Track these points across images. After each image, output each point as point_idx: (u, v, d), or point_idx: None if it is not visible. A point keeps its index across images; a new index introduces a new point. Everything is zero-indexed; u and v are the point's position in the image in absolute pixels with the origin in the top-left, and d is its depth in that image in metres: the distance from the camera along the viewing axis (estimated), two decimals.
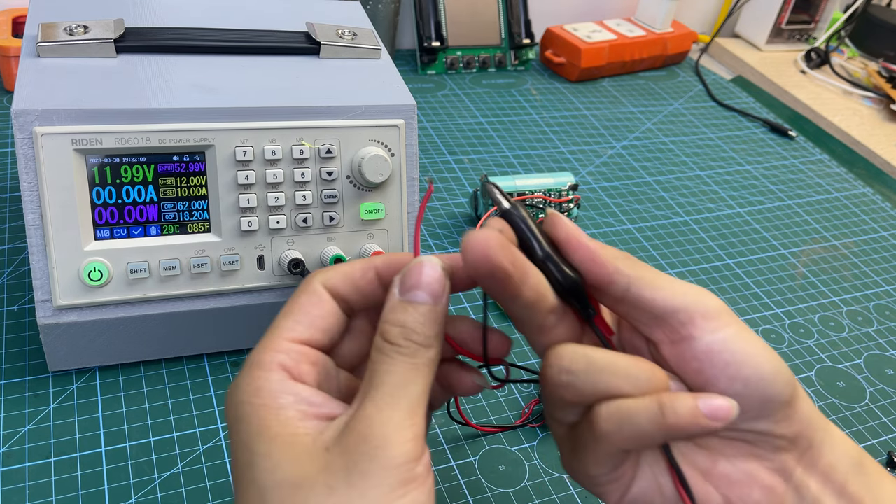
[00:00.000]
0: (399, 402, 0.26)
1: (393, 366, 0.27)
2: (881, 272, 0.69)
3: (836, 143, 0.92)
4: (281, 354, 0.28)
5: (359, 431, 0.26)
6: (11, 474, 0.40)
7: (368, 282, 0.31)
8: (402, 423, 0.26)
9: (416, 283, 0.28)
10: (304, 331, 0.29)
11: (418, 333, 0.28)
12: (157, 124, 0.41)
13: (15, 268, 0.53)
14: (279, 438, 0.26)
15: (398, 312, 0.28)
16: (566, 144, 0.81)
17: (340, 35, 0.51)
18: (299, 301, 0.30)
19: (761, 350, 0.29)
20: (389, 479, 0.25)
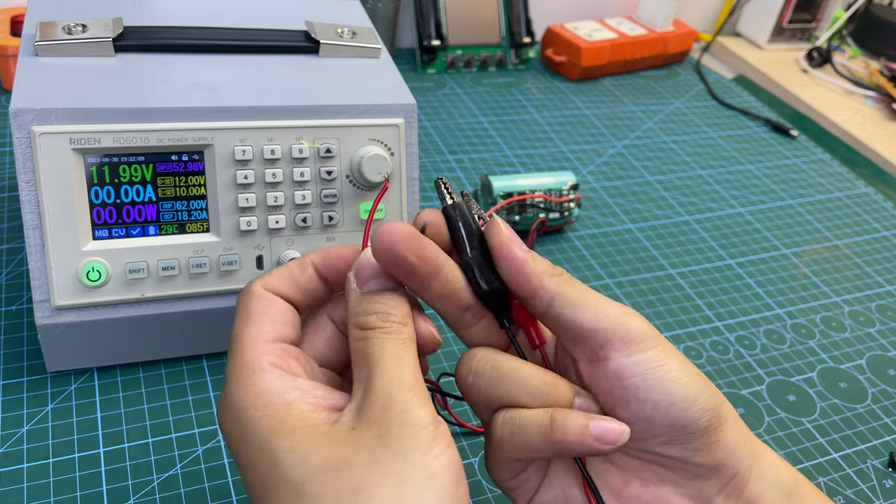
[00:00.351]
0: (405, 371, 0.27)
1: (384, 344, 0.28)
2: (883, 272, 0.68)
3: (837, 142, 0.92)
4: (268, 355, 0.28)
5: (380, 402, 0.26)
6: (10, 475, 0.40)
7: (309, 278, 0.31)
8: (414, 387, 0.27)
9: (373, 274, 0.29)
10: (272, 330, 0.29)
11: (394, 314, 0.29)
12: (155, 123, 0.41)
13: (13, 268, 0.53)
14: (298, 431, 0.26)
15: (367, 303, 0.29)
16: (567, 144, 0.81)
17: (340, 34, 0.51)
18: (250, 307, 0.30)
19: (678, 375, 0.29)
20: (424, 438, 0.25)
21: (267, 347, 0.28)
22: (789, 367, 0.56)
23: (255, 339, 0.29)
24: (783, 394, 0.54)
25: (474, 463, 0.45)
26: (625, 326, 0.29)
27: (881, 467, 0.49)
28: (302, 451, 0.25)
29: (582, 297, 0.30)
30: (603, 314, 0.29)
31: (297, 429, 0.26)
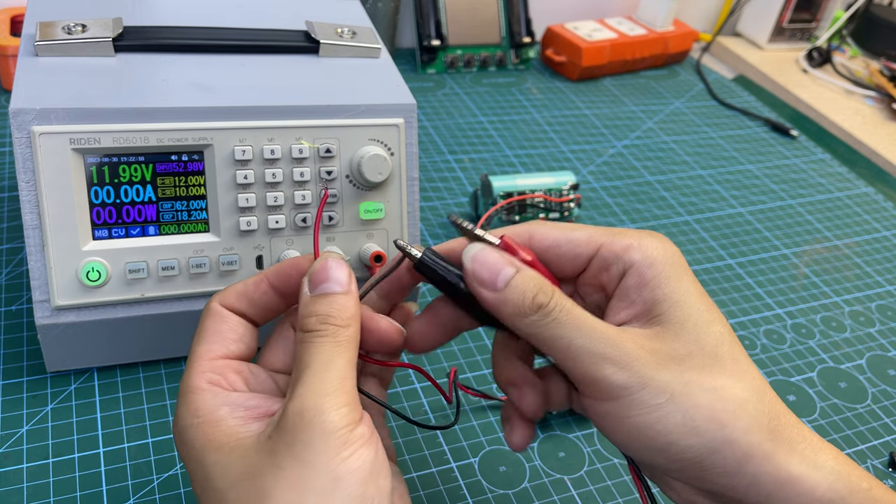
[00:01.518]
0: (328, 376, 0.28)
1: (316, 348, 0.29)
2: (883, 272, 0.68)
3: (837, 142, 0.92)
4: (206, 373, 0.30)
5: (294, 410, 0.27)
6: (9, 475, 0.40)
7: (262, 293, 0.32)
8: (334, 391, 0.27)
9: (323, 278, 0.30)
10: (219, 348, 0.31)
11: (334, 317, 0.29)
12: (155, 123, 0.41)
13: (13, 268, 0.53)
14: (225, 445, 0.28)
15: (313, 305, 0.30)
16: (567, 144, 0.81)
17: (340, 34, 0.51)
18: (205, 325, 0.32)
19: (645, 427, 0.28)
20: (331, 442, 0.26)
21: (208, 365, 0.30)
22: (789, 367, 0.56)
23: (201, 358, 0.30)
24: (783, 394, 0.54)
25: (474, 463, 0.45)
26: (589, 377, 0.29)
27: (881, 467, 0.49)
28: (225, 462, 0.27)
29: (555, 341, 0.29)
30: (572, 360, 0.29)
31: (223, 443, 0.28)
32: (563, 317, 0.29)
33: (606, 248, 0.32)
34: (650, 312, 0.30)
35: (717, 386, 0.28)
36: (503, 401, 0.48)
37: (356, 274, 0.47)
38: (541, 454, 0.46)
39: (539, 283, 0.30)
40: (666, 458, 0.28)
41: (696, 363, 0.29)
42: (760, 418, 0.28)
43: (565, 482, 0.44)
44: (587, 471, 0.45)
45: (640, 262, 0.31)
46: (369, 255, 0.46)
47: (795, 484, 0.28)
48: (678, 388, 0.28)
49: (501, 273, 0.30)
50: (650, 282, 0.30)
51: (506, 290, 0.30)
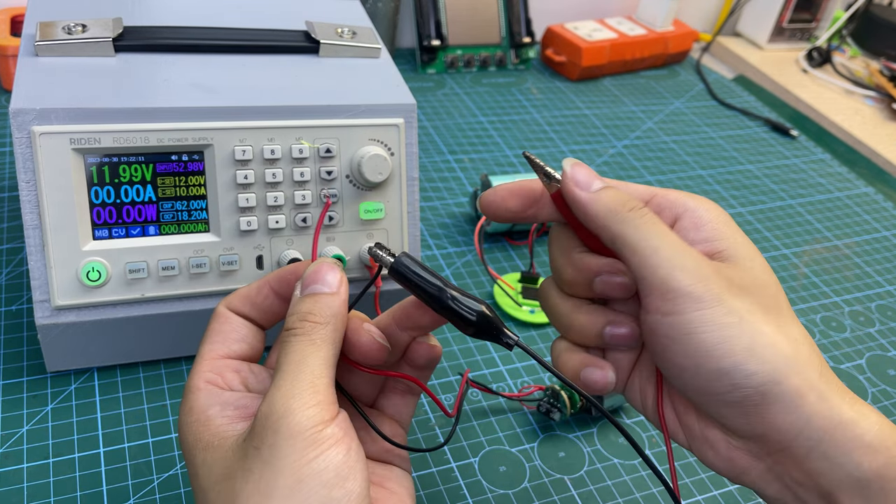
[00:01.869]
0: (298, 376, 0.28)
1: (291, 346, 0.29)
2: (883, 272, 0.68)
3: (837, 142, 0.92)
4: (205, 373, 0.31)
5: (263, 412, 0.27)
6: (10, 475, 0.40)
7: (264, 297, 0.33)
8: (303, 392, 0.27)
9: (313, 280, 0.31)
10: (221, 347, 0.32)
11: (314, 314, 0.30)
12: (155, 123, 0.41)
13: (13, 268, 0.53)
14: (211, 445, 0.28)
15: (297, 305, 0.30)
16: (567, 144, 0.81)
17: (340, 34, 0.51)
18: (211, 327, 0.33)
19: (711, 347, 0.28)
20: (297, 444, 0.26)
21: (208, 365, 0.31)
22: None
23: (203, 358, 0.32)
24: None
25: (475, 463, 0.45)
26: (667, 284, 0.29)
27: None
28: (210, 462, 0.28)
29: (642, 242, 0.29)
30: (653, 266, 0.29)
31: (210, 443, 0.28)
32: (651, 221, 0.30)
33: (661, 195, 0.33)
34: (713, 249, 0.31)
35: (782, 324, 0.29)
36: (511, 397, 0.48)
37: (356, 274, 0.47)
38: (541, 454, 0.46)
39: (630, 196, 0.31)
40: (730, 384, 0.28)
41: (761, 301, 0.29)
42: (814, 361, 0.29)
43: (565, 482, 0.44)
44: (587, 471, 0.45)
45: (694, 207, 0.32)
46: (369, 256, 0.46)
47: (846, 428, 0.28)
48: (748, 315, 0.29)
49: (594, 183, 0.31)
50: (707, 224, 0.32)
51: (600, 192, 0.31)
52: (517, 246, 0.63)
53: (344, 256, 0.45)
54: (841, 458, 0.28)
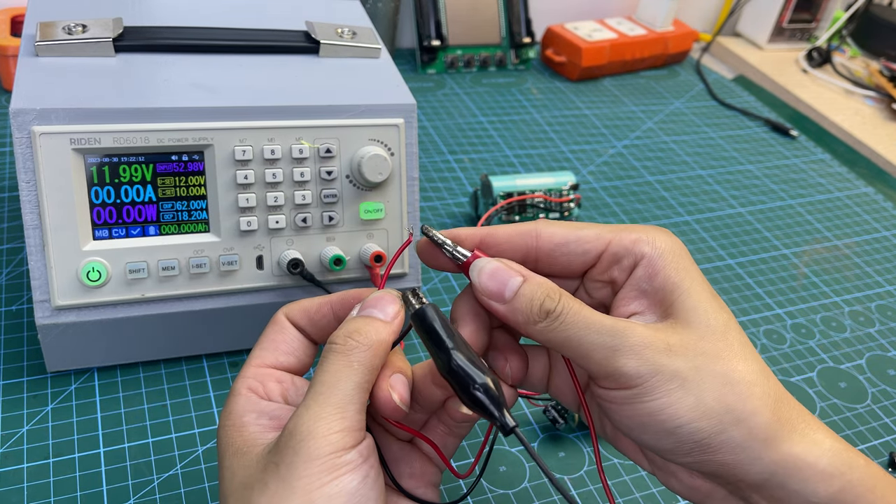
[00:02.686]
0: (329, 399, 0.28)
1: (327, 365, 0.29)
2: (883, 272, 0.68)
3: (837, 142, 0.92)
4: (248, 379, 0.31)
5: (289, 430, 0.27)
6: (10, 475, 0.40)
7: (322, 315, 0.33)
8: (330, 417, 0.27)
9: (372, 304, 0.31)
10: (269, 356, 0.32)
11: (360, 333, 0.29)
12: (155, 123, 0.41)
13: (13, 268, 0.53)
14: (240, 451, 0.29)
15: (347, 323, 0.30)
16: (567, 144, 0.81)
17: (340, 34, 0.51)
18: (266, 332, 0.33)
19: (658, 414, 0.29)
20: (314, 468, 0.26)
21: (253, 371, 0.32)
22: (789, 367, 0.56)
23: (249, 364, 0.32)
24: None
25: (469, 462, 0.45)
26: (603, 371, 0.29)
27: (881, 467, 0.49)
28: (235, 468, 0.28)
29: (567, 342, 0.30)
30: (586, 358, 0.30)
31: (240, 449, 0.29)
32: (571, 318, 0.30)
33: (616, 243, 0.33)
34: (662, 301, 0.31)
35: (727, 370, 0.29)
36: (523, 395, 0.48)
37: (356, 274, 0.47)
38: (541, 454, 0.46)
39: (546, 289, 0.30)
40: (675, 441, 0.29)
41: (707, 349, 0.29)
42: (766, 400, 0.29)
43: (565, 482, 0.44)
44: (587, 471, 0.45)
45: (650, 254, 0.32)
46: (369, 256, 0.46)
47: (797, 460, 0.29)
48: (690, 374, 0.29)
49: (508, 283, 0.31)
50: (660, 272, 0.31)
51: (514, 300, 0.30)
52: None
53: (344, 256, 0.45)
54: (796, 487, 0.29)
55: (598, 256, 0.33)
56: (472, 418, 0.34)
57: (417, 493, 0.34)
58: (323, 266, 0.46)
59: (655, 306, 0.31)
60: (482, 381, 0.29)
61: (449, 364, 0.30)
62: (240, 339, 0.48)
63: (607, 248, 0.33)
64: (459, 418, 0.33)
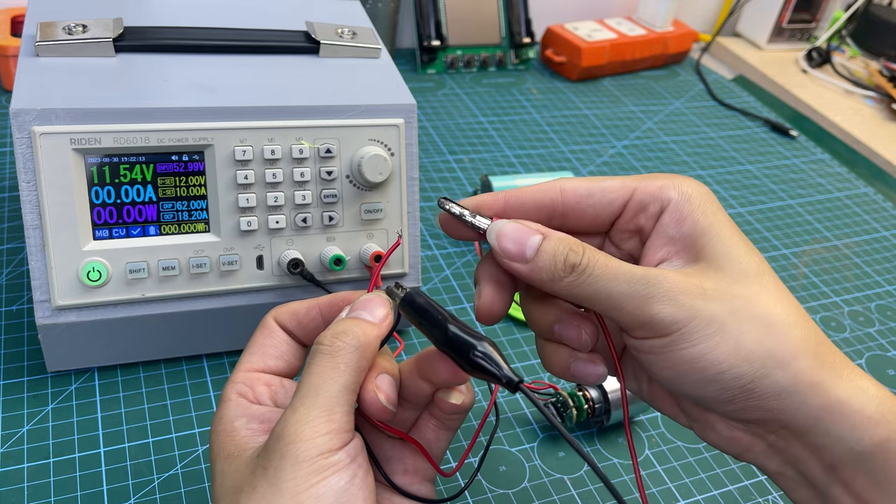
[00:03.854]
0: (315, 401, 0.28)
1: (313, 367, 0.29)
2: (882, 272, 0.68)
3: (837, 142, 0.92)
4: (238, 384, 0.31)
5: (276, 433, 0.28)
6: (10, 475, 0.40)
7: (311, 319, 0.33)
8: (317, 420, 0.27)
9: (361, 307, 0.31)
10: (258, 360, 0.33)
11: (347, 335, 0.29)
12: (156, 124, 0.41)
13: (14, 268, 0.53)
14: (230, 456, 0.29)
15: (336, 325, 0.30)
16: (567, 144, 0.81)
17: (340, 34, 0.51)
18: (254, 336, 0.33)
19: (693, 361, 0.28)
20: (302, 471, 0.26)
21: (242, 377, 0.32)
22: None
23: (239, 369, 0.32)
24: None
25: (474, 463, 0.45)
26: (637, 321, 0.29)
27: None
28: (226, 472, 0.29)
29: (595, 295, 0.29)
30: (617, 309, 0.29)
31: (231, 454, 0.29)
32: (598, 270, 0.29)
33: (641, 190, 0.32)
34: (692, 246, 0.31)
35: (765, 312, 0.29)
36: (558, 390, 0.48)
37: (356, 274, 0.47)
38: (541, 454, 0.46)
39: (568, 244, 0.30)
40: (718, 388, 0.28)
41: (743, 292, 0.29)
42: (807, 342, 0.28)
43: (565, 482, 0.45)
44: (587, 470, 0.45)
45: (677, 199, 0.31)
46: (369, 255, 0.46)
47: (843, 405, 0.28)
48: (727, 317, 0.28)
49: (528, 242, 0.30)
50: (689, 216, 0.31)
51: (536, 258, 0.30)
52: None
53: (344, 256, 0.45)
54: (841, 434, 0.28)
55: (623, 205, 0.32)
56: (461, 408, 0.33)
57: (412, 489, 0.34)
58: (323, 266, 0.46)
59: (685, 252, 0.31)
60: (480, 344, 0.29)
61: (446, 335, 0.30)
62: (240, 338, 0.48)
63: (633, 195, 0.32)
64: (449, 409, 0.33)
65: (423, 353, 0.32)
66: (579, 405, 0.46)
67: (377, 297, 0.32)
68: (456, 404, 0.33)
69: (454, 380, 0.32)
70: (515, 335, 0.54)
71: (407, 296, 0.31)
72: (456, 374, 0.31)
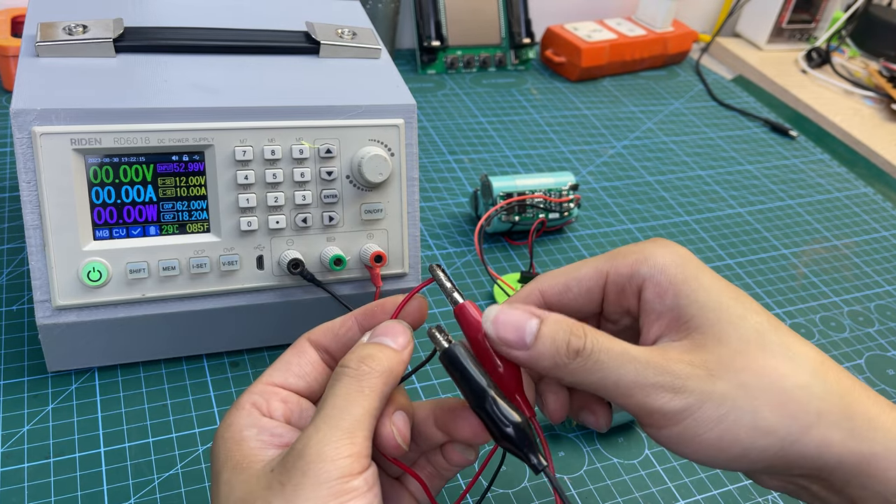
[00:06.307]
0: (339, 423, 0.27)
1: (339, 388, 0.29)
2: (882, 272, 0.68)
3: (836, 142, 0.92)
4: (254, 395, 0.31)
5: (297, 450, 0.27)
6: (10, 475, 0.40)
7: (347, 329, 0.33)
8: (339, 441, 0.27)
9: (385, 332, 0.31)
10: (280, 376, 0.32)
11: (373, 359, 0.29)
12: (156, 124, 0.41)
13: (14, 268, 0.53)
14: (238, 466, 0.28)
15: (360, 348, 0.30)
16: (566, 144, 0.81)
17: (340, 34, 0.51)
18: (285, 353, 0.33)
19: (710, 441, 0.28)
20: (321, 492, 0.26)
21: (260, 388, 0.31)
22: None
23: (259, 381, 0.32)
24: None
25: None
26: (645, 409, 0.28)
27: None
28: (233, 482, 0.28)
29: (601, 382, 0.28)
30: (624, 397, 0.28)
31: (238, 463, 0.28)
32: (604, 356, 0.28)
33: (614, 273, 0.31)
34: (680, 319, 0.29)
35: (776, 380, 0.27)
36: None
37: (356, 274, 0.47)
38: None
39: (568, 326, 0.29)
40: (748, 463, 0.28)
41: (748, 363, 0.28)
42: (830, 398, 0.27)
43: (565, 482, 0.45)
44: (587, 470, 0.45)
45: (650, 273, 0.30)
46: (369, 255, 0.46)
47: (880, 460, 0.27)
48: (737, 393, 0.27)
49: (527, 328, 0.29)
50: (668, 288, 0.30)
51: (537, 344, 0.29)
52: (517, 246, 0.64)
53: (344, 256, 0.45)
54: (877, 488, 0.27)
55: (601, 292, 0.32)
56: (469, 463, 0.34)
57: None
58: (323, 266, 0.46)
59: (677, 324, 0.30)
60: (516, 420, 0.29)
61: (483, 404, 0.29)
62: (240, 338, 0.48)
63: (607, 280, 0.32)
64: (460, 463, 0.33)
65: (446, 405, 0.32)
66: None
67: (398, 324, 0.31)
68: (469, 459, 0.33)
69: (475, 440, 0.31)
70: None
71: (449, 351, 0.30)
72: (479, 436, 0.31)
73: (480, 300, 0.57)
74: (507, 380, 0.31)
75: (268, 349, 0.50)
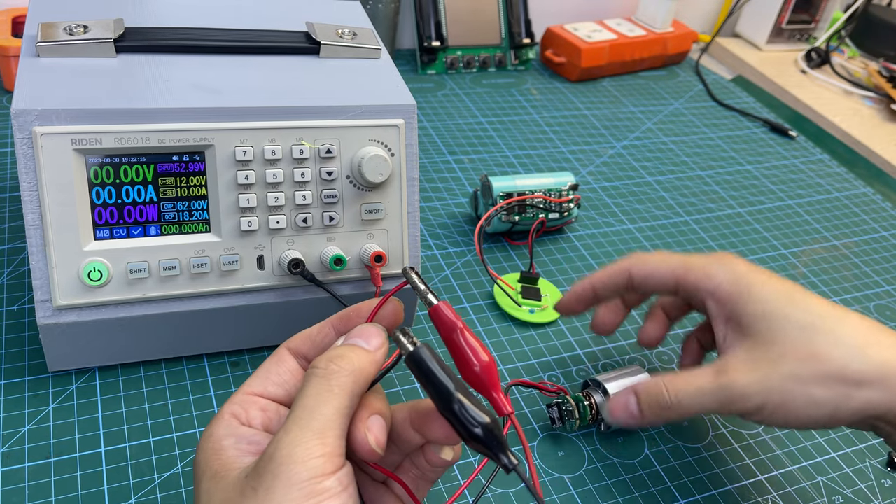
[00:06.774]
0: (309, 423, 0.28)
1: (308, 389, 0.29)
2: (882, 272, 0.68)
3: (836, 142, 0.92)
4: (234, 405, 0.32)
5: (268, 454, 0.27)
6: (11, 474, 0.40)
7: (324, 335, 0.34)
8: (310, 442, 0.27)
9: (358, 335, 0.32)
10: (259, 385, 0.33)
11: (342, 359, 0.30)
12: (156, 124, 0.41)
13: (15, 268, 0.53)
14: (217, 475, 0.29)
15: (333, 349, 0.31)
16: (566, 144, 0.81)
17: (340, 35, 0.51)
18: (264, 363, 0.34)
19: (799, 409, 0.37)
20: (292, 493, 0.26)
21: (239, 398, 0.32)
22: None
23: (240, 390, 0.32)
24: None
25: (474, 463, 0.45)
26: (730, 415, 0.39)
27: (880, 467, 0.49)
28: (212, 491, 0.28)
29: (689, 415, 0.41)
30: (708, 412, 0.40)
31: (217, 472, 0.29)
32: (685, 399, 0.38)
33: (681, 281, 0.42)
34: (739, 327, 0.39)
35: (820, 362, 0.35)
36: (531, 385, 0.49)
37: (356, 274, 0.47)
38: (541, 454, 0.46)
39: (654, 389, 0.39)
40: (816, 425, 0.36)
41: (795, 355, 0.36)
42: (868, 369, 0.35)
43: (565, 481, 0.45)
44: (587, 470, 0.45)
45: (709, 291, 0.40)
46: (369, 255, 0.46)
47: None
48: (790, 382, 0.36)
49: (630, 407, 0.40)
50: (726, 304, 0.39)
51: (643, 415, 0.39)
52: (517, 246, 0.64)
53: (344, 256, 0.46)
54: None
55: (675, 288, 0.42)
56: (449, 464, 0.33)
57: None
58: (323, 266, 0.46)
59: (738, 329, 0.38)
60: (484, 421, 0.29)
61: (451, 406, 0.29)
62: (240, 338, 0.48)
63: (678, 285, 0.42)
64: (437, 463, 0.33)
65: (421, 408, 0.32)
66: (583, 410, 0.46)
67: (372, 326, 0.32)
68: (446, 460, 0.33)
69: (448, 441, 0.32)
70: (515, 335, 0.54)
71: (415, 353, 0.30)
72: (451, 437, 0.31)
73: (480, 300, 0.57)
74: (484, 379, 0.32)
75: (268, 349, 0.50)
